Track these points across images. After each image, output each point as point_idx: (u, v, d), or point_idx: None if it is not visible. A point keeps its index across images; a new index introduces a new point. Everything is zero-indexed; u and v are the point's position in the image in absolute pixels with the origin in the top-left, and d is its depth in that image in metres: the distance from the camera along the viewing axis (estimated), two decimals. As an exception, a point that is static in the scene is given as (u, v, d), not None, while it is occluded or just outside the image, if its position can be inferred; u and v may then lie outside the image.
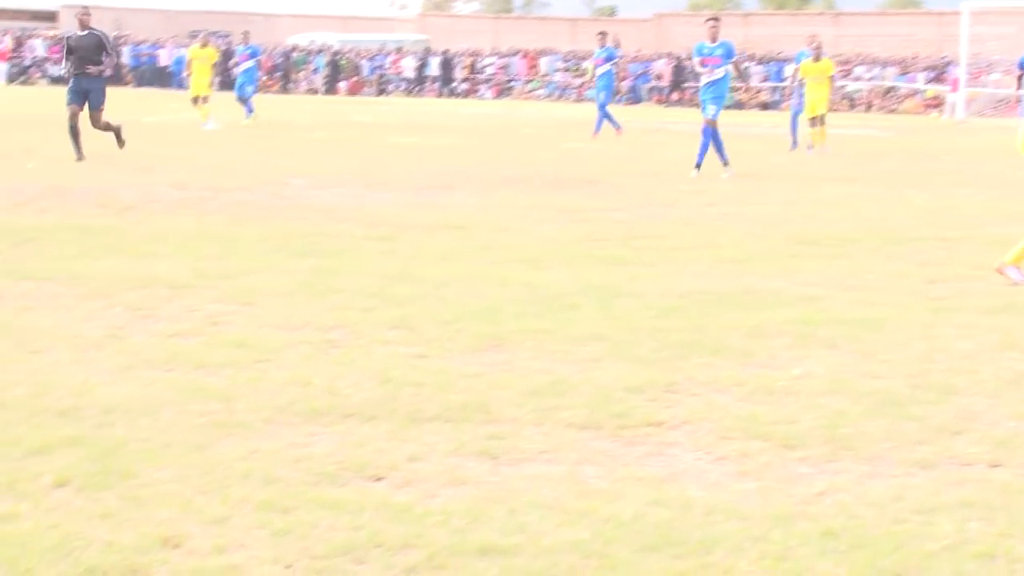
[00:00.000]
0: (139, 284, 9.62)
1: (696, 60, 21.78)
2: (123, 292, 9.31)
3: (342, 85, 66.96)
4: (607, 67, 31.98)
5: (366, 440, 5.87)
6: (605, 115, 31.51)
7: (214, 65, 33.34)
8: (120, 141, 21.10)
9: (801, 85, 27.68)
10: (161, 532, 4.64)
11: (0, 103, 41.97)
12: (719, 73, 21.22)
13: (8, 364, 7.09)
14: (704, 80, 21.50)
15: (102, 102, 20.81)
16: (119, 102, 46.23)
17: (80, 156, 20.46)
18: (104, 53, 20.76)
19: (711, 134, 21.09)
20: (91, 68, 20.59)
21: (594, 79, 33.10)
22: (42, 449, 5.55)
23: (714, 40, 21.19)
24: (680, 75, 60.59)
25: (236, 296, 9.27)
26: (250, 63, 34.92)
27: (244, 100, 34.21)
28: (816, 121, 27.17)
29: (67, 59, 20.92)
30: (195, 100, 32.24)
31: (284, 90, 65.33)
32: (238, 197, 16.08)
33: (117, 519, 4.77)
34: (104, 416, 6.10)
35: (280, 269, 10.47)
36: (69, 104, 20.72)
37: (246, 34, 36.23)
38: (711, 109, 21.10)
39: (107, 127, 20.96)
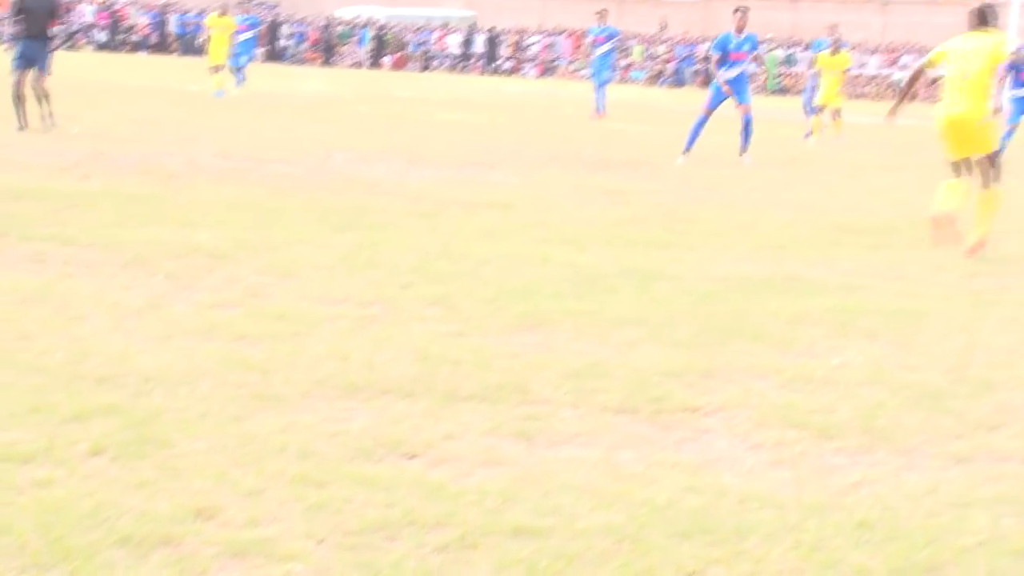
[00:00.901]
0: (180, 253, 9.65)
1: (716, 55, 20.85)
2: (164, 261, 9.34)
3: (386, 60, 66.96)
4: (608, 46, 31.58)
5: (402, 417, 5.87)
6: (600, 93, 31.12)
7: (232, 35, 33.33)
8: (46, 119, 19.64)
9: (817, 76, 27.62)
10: (195, 503, 4.65)
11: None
12: (745, 68, 20.65)
13: (48, 330, 7.12)
14: (725, 76, 20.47)
15: (49, 67, 19.62)
16: (165, 70, 46.34)
17: (23, 125, 19.46)
18: (55, 18, 19.75)
19: (703, 121, 20.39)
20: (44, 30, 19.49)
21: (592, 58, 32.30)
22: (79, 416, 5.58)
23: (741, 31, 20.45)
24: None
25: (277, 268, 9.30)
26: (249, 34, 35.33)
27: (237, 69, 34.42)
28: (835, 113, 27.18)
29: (17, 19, 19.63)
30: (215, 69, 32.29)
31: (327, 63, 65.34)
32: (281, 168, 16.12)
33: (152, 488, 4.79)
34: (142, 385, 6.12)
35: (321, 242, 10.49)
36: (15, 70, 19.54)
37: (245, 3, 36.22)
38: (748, 98, 20.69)
39: (45, 95, 19.58)
